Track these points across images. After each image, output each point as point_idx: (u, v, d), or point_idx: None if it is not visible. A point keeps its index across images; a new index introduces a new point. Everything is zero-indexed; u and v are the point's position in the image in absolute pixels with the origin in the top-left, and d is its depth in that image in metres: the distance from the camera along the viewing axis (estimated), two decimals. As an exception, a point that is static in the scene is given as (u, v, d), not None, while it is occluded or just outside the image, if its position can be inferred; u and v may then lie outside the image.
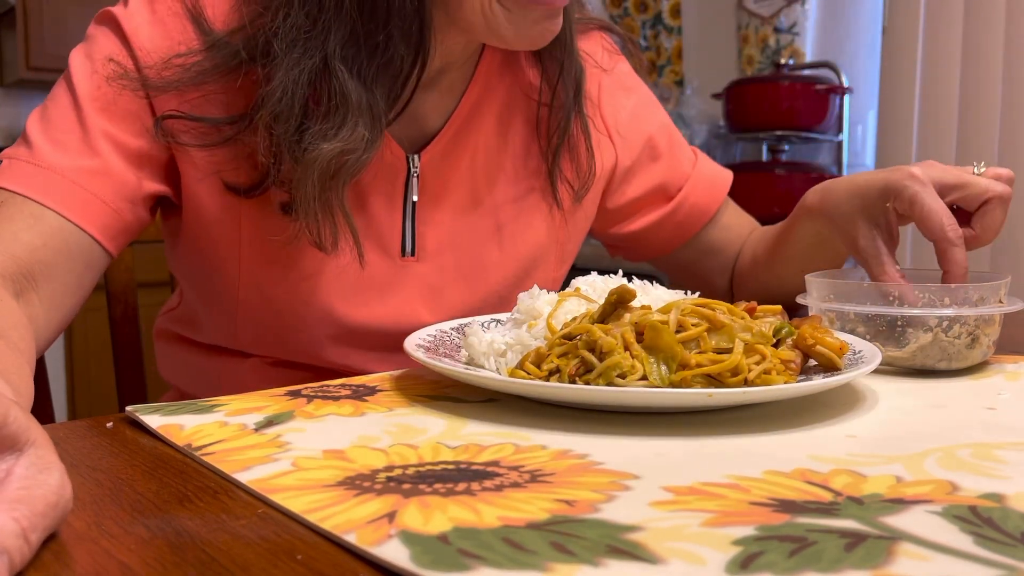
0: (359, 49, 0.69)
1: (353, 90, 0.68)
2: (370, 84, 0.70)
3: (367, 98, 0.69)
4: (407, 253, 0.81)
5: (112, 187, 0.71)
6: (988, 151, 1.97)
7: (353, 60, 0.69)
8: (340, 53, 0.68)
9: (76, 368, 2.92)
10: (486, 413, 0.55)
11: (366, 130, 0.69)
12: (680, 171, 0.96)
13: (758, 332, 0.56)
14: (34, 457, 0.36)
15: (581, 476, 0.43)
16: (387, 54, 0.70)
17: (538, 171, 0.86)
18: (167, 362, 0.94)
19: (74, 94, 0.72)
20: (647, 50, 2.91)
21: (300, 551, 0.35)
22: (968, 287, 0.66)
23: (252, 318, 0.80)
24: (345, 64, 0.68)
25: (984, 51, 1.96)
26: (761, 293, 0.96)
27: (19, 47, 2.94)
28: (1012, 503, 0.39)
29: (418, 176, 0.80)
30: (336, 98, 0.68)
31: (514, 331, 0.65)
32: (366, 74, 0.69)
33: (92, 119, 0.71)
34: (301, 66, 0.68)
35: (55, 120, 0.71)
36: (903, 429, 0.51)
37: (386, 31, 0.69)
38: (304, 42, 0.68)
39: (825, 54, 2.50)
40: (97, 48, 0.73)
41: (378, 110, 0.70)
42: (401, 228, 0.80)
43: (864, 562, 0.32)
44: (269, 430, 0.51)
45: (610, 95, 0.92)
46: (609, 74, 0.92)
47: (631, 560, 0.33)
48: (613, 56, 0.94)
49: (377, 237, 0.80)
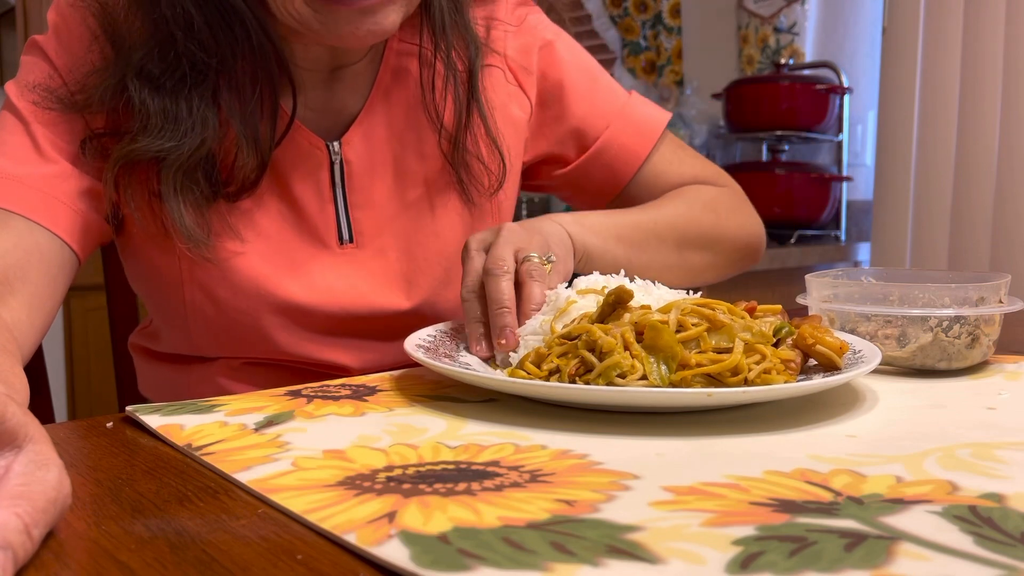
0: (158, 63, 0.73)
1: (149, 99, 0.72)
2: (184, 94, 0.73)
3: (177, 105, 0.73)
4: (345, 241, 0.82)
5: (73, 190, 0.73)
6: (988, 151, 1.97)
7: (156, 72, 0.73)
8: (137, 70, 0.72)
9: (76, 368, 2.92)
10: (486, 413, 0.55)
11: (172, 135, 0.72)
12: (600, 114, 0.94)
13: (758, 332, 0.56)
14: (32, 453, 0.36)
15: (581, 476, 0.43)
16: (190, 62, 0.72)
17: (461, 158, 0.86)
18: (143, 379, 0.95)
19: (19, 116, 0.74)
20: (647, 50, 2.91)
21: (300, 551, 0.35)
22: (968, 287, 0.66)
23: (202, 319, 0.81)
24: (141, 80, 0.72)
25: (984, 51, 1.96)
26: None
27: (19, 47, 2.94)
28: (1012, 503, 0.39)
29: (341, 162, 0.80)
30: (134, 108, 0.73)
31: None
32: (174, 83, 0.73)
33: (41, 135, 0.73)
34: (103, 87, 0.73)
35: (6, 142, 0.74)
36: (903, 429, 0.51)
37: (179, 41, 0.72)
38: (107, 64, 0.73)
39: (825, 54, 2.50)
40: (28, 75, 0.76)
41: (200, 115, 0.73)
42: (335, 217, 0.81)
43: (864, 562, 0.32)
44: (269, 430, 0.51)
45: (518, 48, 0.90)
46: (519, 28, 0.91)
47: (631, 560, 0.33)
48: (522, 8, 0.92)
49: (312, 229, 0.80)
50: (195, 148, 0.73)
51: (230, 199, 0.77)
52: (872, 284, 0.72)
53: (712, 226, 0.95)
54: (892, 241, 2.16)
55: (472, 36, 0.84)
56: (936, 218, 2.07)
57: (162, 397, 0.91)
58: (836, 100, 2.35)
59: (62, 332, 2.93)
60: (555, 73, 0.92)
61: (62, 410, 2.92)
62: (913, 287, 0.68)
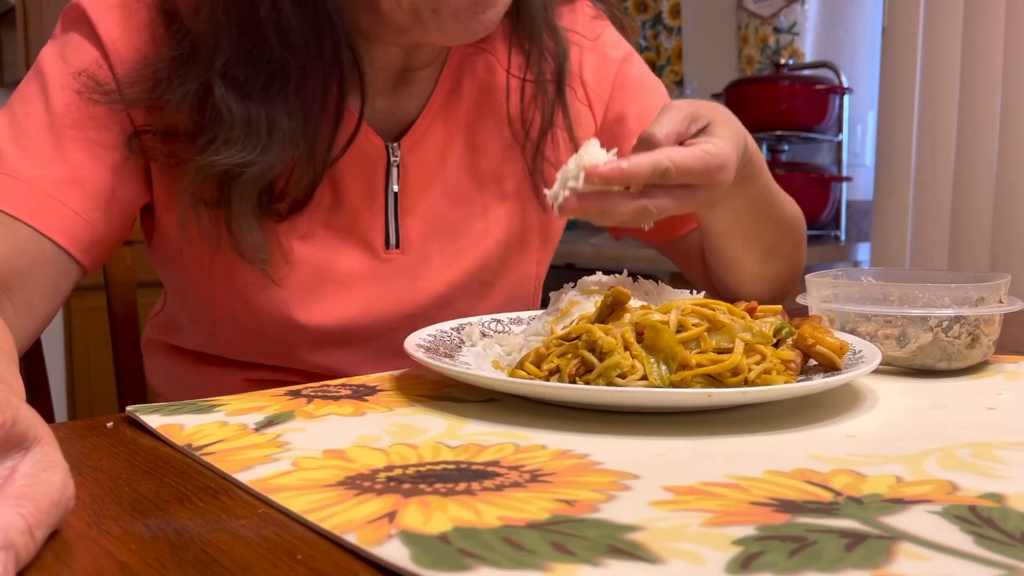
0: (245, 67, 0.69)
1: (234, 106, 0.68)
2: (267, 101, 0.69)
3: (259, 114, 0.69)
4: (391, 246, 0.80)
5: (83, 197, 0.69)
6: (988, 151, 1.97)
7: (242, 77, 0.69)
8: (222, 72, 0.68)
9: (76, 368, 2.92)
10: (486, 413, 0.55)
11: (254, 147, 0.69)
12: None
13: (758, 332, 0.56)
14: (39, 455, 0.36)
15: (581, 476, 0.43)
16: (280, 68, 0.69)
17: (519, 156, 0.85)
18: (156, 372, 0.94)
19: (46, 97, 0.70)
20: (647, 50, 2.91)
21: (300, 551, 0.35)
22: (968, 287, 0.66)
23: (230, 323, 0.79)
24: (226, 83, 0.68)
25: (984, 51, 1.96)
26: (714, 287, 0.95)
27: (19, 47, 2.94)
28: (1012, 503, 0.39)
29: (399, 166, 0.79)
30: (214, 115, 0.69)
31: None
32: (257, 90, 0.69)
33: (64, 126, 0.69)
34: (185, 87, 0.69)
35: (25, 125, 0.69)
36: (903, 429, 0.51)
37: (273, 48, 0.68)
38: (190, 62, 0.69)
39: (825, 54, 2.50)
40: (72, 52, 0.71)
41: (278, 125, 0.70)
42: (384, 221, 0.80)
43: (864, 562, 0.32)
44: (269, 430, 0.51)
45: (592, 69, 0.89)
46: (594, 43, 0.90)
47: (631, 560, 0.33)
48: (597, 21, 0.91)
49: (360, 233, 0.79)
50: (275, 164, 0.70)
51: (279, 218, 0.75)
52: (872, 284, 0.72)
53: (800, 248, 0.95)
54: (892, 241, 2.15)
55: (561, 43, 0.82)
56: (936, 218, 2.06)
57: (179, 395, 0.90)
58: (836, 100, 2.35)
59: (62, 332, 2.94)
60: (619, 107, 0.91)
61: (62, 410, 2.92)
62: (913, 287, 0.68)
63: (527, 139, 0.83)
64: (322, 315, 0.78)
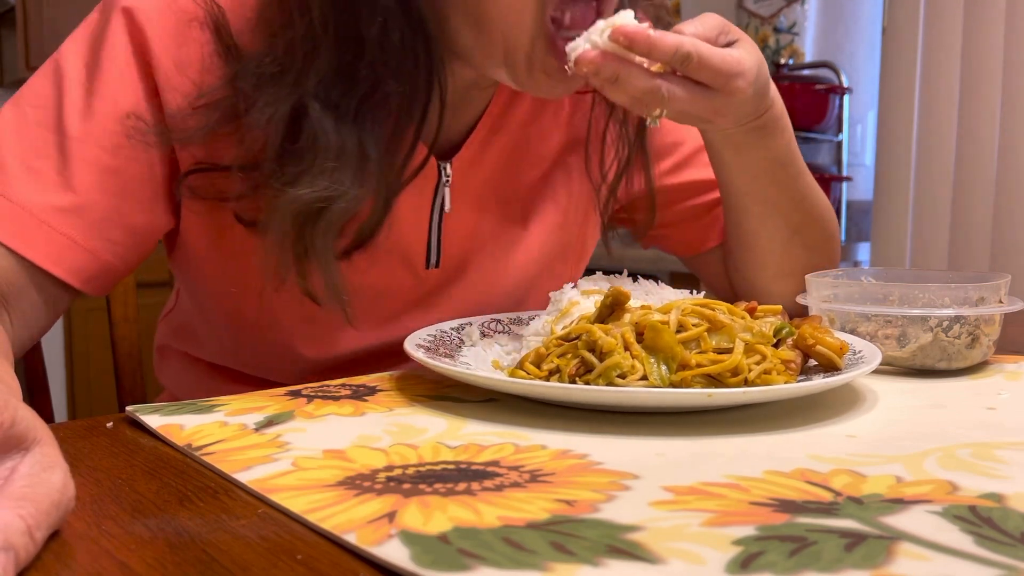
0: (341, 85, 0.64)
1: (330, 131, 0.63)
2: (358, 125, 0.65)
3: (352, 140, 0.64)
4: (431, 265, 0.77)
5: (87, 227, 0.64)
6: (988, 151, 1.97)
7: (335, 99, 0.64)
8: (317, 92, 0.63)
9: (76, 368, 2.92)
10: (486, 413, 0.55)
11: (348, 177, 0.64)
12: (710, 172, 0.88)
13: (758, 332, 0.56)
14: (39, 456, 0.36)
15: (581, 476, 0.43)
16: (379, 92, 0.64)
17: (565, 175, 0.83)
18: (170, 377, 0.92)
19: (60, 111, 0.64)
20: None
21: (300, 551, 0.35)
22: (968, 287, 0.66)
23: (257, 343, 0.77)
24: (322, 103, 0.63)
25: (984, 51, 1.96)
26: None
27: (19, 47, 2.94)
28: (1012, 503, 0.39)
29: (449, 184, 0.75)
30: (309, 140, 0.63)
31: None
32: (351, 114, 0.64)
33: (74, 148, 0.64)
34: (274, 106, 0.63)
35: (34, 140, 0.64)
36: (903, 429, 0.51)
37: (371, 67, 0.63)
38: (280, 77, 0.63)
39: (825, 54, 2.50)
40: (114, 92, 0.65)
41: (368, 153, 0.65)
42: (427, 239, 0.76)
43: (864, 562, 0.32)
44: (269, 430, 0.51)
45: None
46: None
47: (631, 560, 0.33)
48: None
49: (402, 251, 0.75)
50: (363, 198, 0.65)
51: (339, 257, 0.68)
52: (872, 284, 0.72)
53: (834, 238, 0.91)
54: (892, 241, 2.15)
55: None
56: (936, 218, 2.06)
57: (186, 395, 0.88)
58: (836, 100, 2.35)
59: (62, 332, 2.94)
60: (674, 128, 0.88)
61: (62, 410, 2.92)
62: (913, 287, 0.68)
63: (603, 181, 0.82)
64: (354, 337, 0.76)
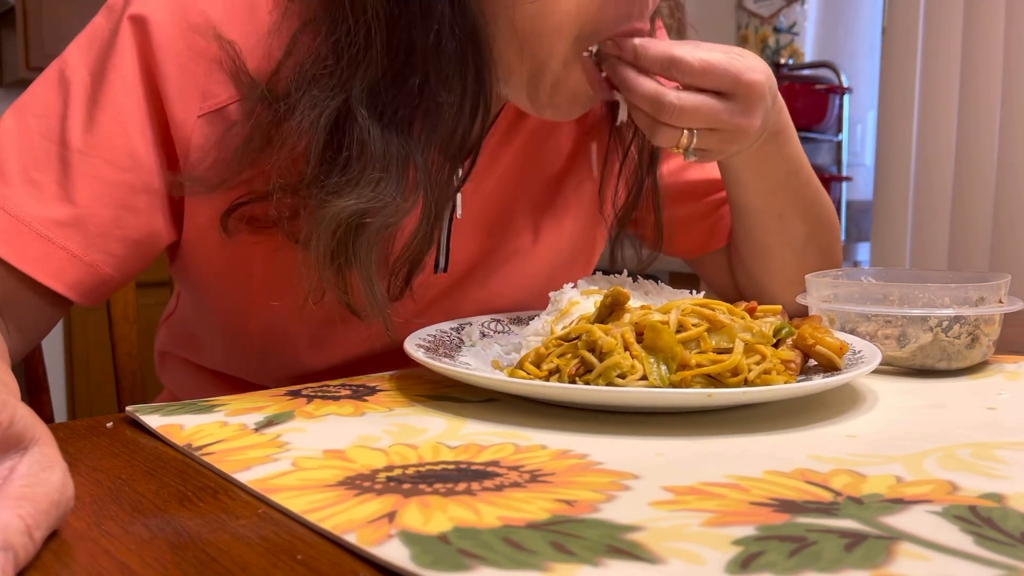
0: (389, 93, 0.61)
1: (377, 138, 0.60)
2: (406, 135, 0.62)
3: (398, 150, 0.62)
4: (440, 269, 0.76)
5: (86, 240, 0.63)
6: (988, 151, 1.97)
7: (381, 105, 0.61)
8: (365, 97, 0.60)
9: (76, 368, 2.92)
10: (486, 413, 0.55)
11: (393, 187, 0.61)
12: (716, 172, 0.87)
13: (758, 332, 0.56)
14: (38, 455, 0.36)
15: (581, 476, 0.43)
16: (427, 101, 0.62)
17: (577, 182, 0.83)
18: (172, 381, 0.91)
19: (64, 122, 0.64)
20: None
21: (300, 551, 0.35)
22: (968, 287, 0.66)
23: (256, 348, 0.77)
24: (369, 109, 0.60)
25: (984, 51, 1.96)
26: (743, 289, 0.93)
27: (19, 47, 2.94)
28: (1012, 503, 0.39)
29: (461, 191, 0.74)
30: (355, 147, 0.60)
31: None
32: (397, 122, 0.62)
33: (76, 161, 0.63)
34: (319, 108, 0.60)
35: (35, 149, 0.63)
36: (903, 429, 0.51)
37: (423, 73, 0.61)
38: (326, 80, 0.60)
39: (825, 54, 2.50)
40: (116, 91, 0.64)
41: (417, 164, 0.63)
42: (438, 245, 0.75)
43: (864, 562, 0.32)
44: (269, 430, 0.51)
45: None
46: None
47: (631, 560, 0.33)
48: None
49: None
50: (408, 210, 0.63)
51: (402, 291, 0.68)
52: (872, 284, 0.72)
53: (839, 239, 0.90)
54: (892, 241, 2.16)
55: None
56: (936, 218, 2.07)
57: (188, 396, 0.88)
58: (836, 100, 2.36)
59: (62, 332, 2.94)
60: None
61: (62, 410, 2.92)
62: (913, 287, 0.68)
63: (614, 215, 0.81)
64: (358, 344, 0.76)
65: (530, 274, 0.81)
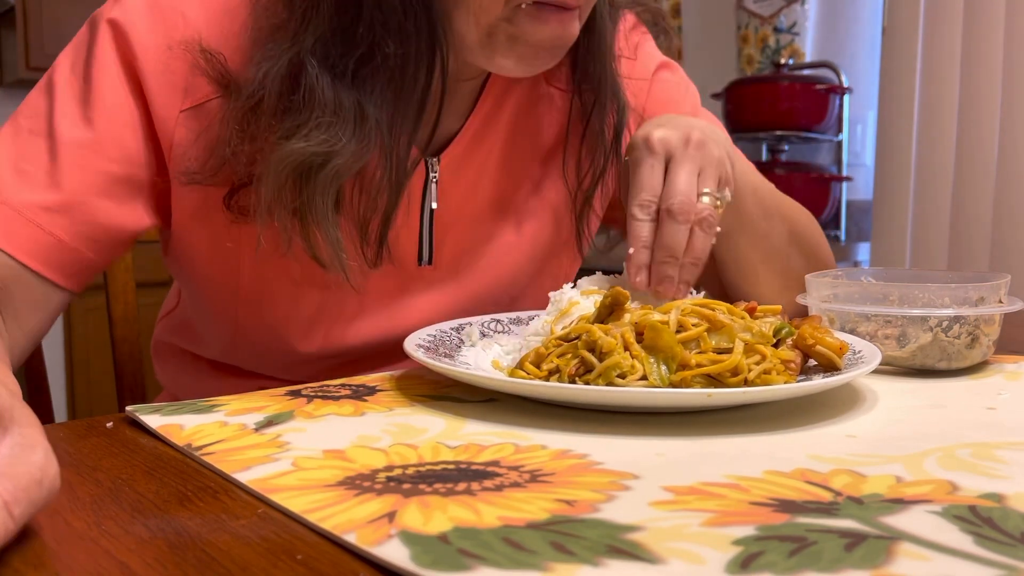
0: (339, 45, 0.64)
1: (327, 87, 0.63)
2: (356, 86, 0.65)
3: (350, 99, 0.64)
4: (423, 262, 0.77)
5: (73, 225, 0.66)
6: (988, 151, 1.97)
7: (332, 57, 0.64)
8: (317, 47, 0.64)
9: (76, 368, 2.92)
10: (486, 413, 0.55)
11: (348, 134, 0.64)
12: None
13: (758, 332, 0.56)
14: (18, 436, 0.36)
15: (581, 476, 0.43)
16: (378, 52, 0.64)
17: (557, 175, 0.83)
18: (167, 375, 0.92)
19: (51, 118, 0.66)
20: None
21: (300, 551, 0.35)
22: (968, 287, 0.66)
23: (251, 340, 0.78)
24: (320, 60, 0.63)
25: (984, 51, 1.96)
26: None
27: (19, 47, 2.93)
28: (1012, 503, 0.39)
29: (437, 181, 0.75)
30: (305, 93, 0.63)
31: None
32: (349, 74, 0.64)
33: (63, 151, 0.65)
34: (271, 61, 0.64)
35: (24, 144, 0.66)
36: (903, 429, 0.51)
37: (369, 27, 0.63)
38: (280, 33, 0.64)
39: (825, 54, 2.50)
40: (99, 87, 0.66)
41: (367, 113, 0.65)
42: (419, 237, 0.76)
43: (864, 562, 0.32)
44: (269, 430, 0.51)
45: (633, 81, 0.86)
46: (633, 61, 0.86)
47: (631, 560, 0.33)
48: (635, 32, 0.87)
49: (392, 247, 0.74)
50: (361, 155, 0.65)
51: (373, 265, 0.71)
52: (872, 284, 0.72)
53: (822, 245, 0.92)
54: (892, 241, 2.16)
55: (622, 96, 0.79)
56: (936, 218, 2.07)
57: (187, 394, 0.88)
58: (836, 100, 2.35)
59: (62, 332, 2.94)
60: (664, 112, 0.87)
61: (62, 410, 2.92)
62: (913, 287, 0.68)
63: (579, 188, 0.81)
64: (350, 334, 0.77)
65: (515, 263, 0.82)
